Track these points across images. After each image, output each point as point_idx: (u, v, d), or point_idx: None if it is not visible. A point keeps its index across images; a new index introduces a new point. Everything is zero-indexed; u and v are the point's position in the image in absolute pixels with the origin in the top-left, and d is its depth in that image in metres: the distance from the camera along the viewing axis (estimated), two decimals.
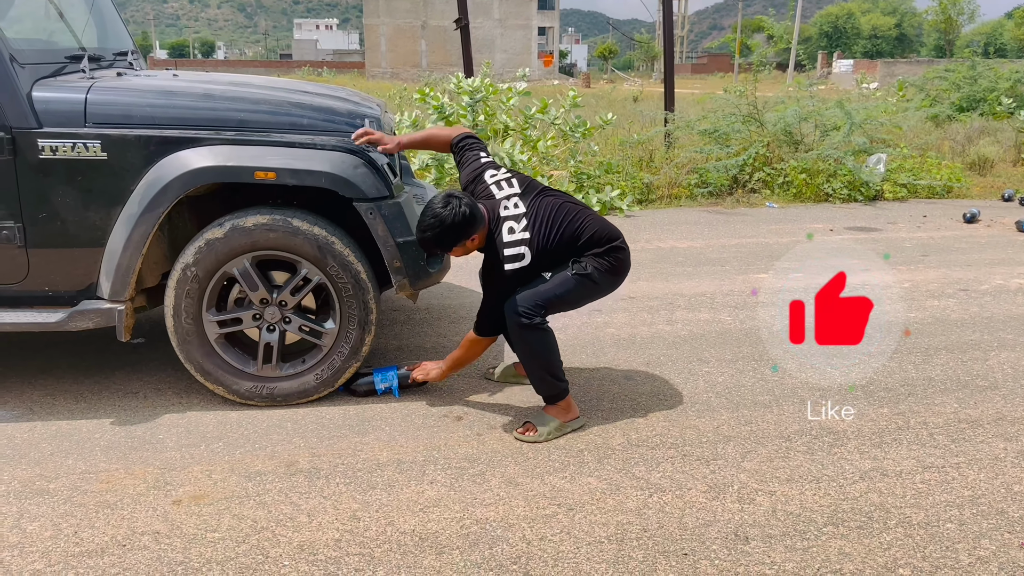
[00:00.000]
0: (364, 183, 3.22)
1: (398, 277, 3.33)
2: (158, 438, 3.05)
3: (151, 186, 3.07)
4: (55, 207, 3.10)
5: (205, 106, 3.22)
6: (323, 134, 3.26)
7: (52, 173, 3.06)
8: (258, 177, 3.12)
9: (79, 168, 3.07)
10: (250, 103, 3.30)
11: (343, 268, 3.23)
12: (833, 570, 2.29)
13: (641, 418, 3.25)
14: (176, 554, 2.34)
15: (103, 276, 3.17)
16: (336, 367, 3.34)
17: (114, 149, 3.07)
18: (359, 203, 3.22)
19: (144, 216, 3.08)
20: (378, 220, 3.24)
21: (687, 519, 2.54)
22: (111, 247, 3.14)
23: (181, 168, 3.07)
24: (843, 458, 2.93)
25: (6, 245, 3.11)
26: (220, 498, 2.63)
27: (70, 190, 3.09)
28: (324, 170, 3.16)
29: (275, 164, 3.12)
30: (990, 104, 13.01)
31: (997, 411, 3.34)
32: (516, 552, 2.36)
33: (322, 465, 2.85)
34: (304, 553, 2.35)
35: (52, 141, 3.04)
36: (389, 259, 3.29)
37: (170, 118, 3.14)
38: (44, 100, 3.07)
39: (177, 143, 3.11)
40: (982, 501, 2.65)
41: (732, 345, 4.09)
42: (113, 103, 3.14)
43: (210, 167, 3.09)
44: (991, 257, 6.09)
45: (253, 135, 3.18)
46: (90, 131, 3.06)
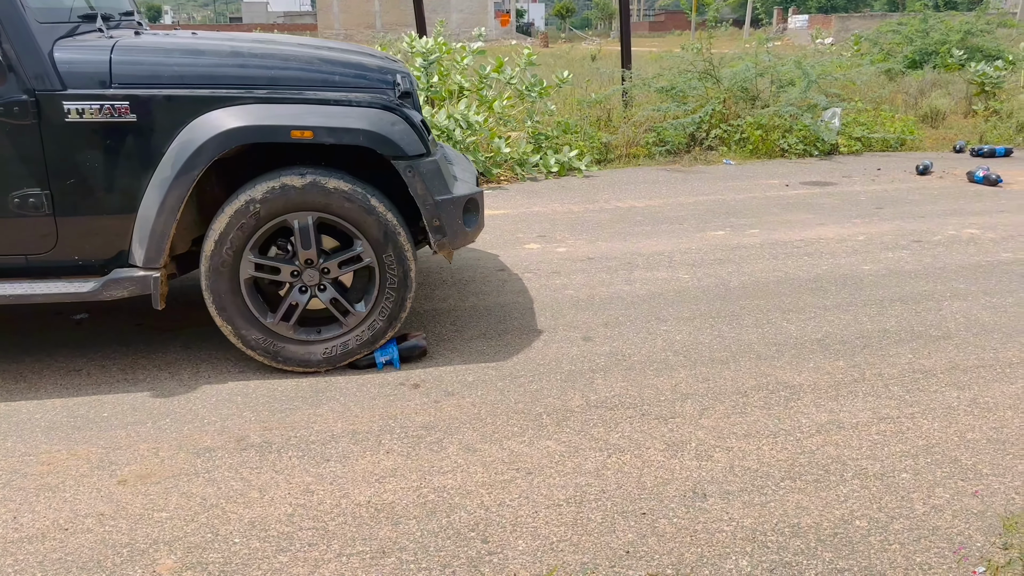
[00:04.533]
0: (402, 140, 3.14)
1: (438, 236, 3.28)
2: (102, 416, 2.95)
3: (184, 148, 2.97)
4: (83, 173, 2.98)
5: (235, 63, 3.11)
6: (356, 91, 3.18)
7: (79, 137, 2.95)
8: (294, 136, 3.02)
9: (107, 131, 2.96)
10: (280, 60, 3.19)
11: (398, 261, 3.19)
12: (791, 524, 2.29)
13: (600, 379, 3.22)
14: (121, 536, 2.26)
15: (136, 243, 3.07)
16: (348, 348, 3.28)
17: (143, 110, 2.97)
18: (397, 161, 3.15)
19: (178, 179, 2.97)
20: (417, 178, 3.17)
21: (645, 478, 2.53)
22: (144, 213, 3.03)
23: (215, 129, 2.97)
24: (800, 412, 2.94)
25: (33, 214, 2.99)
26: (167, 476, 2.55)
27: (98, 154, 2.98)
28: (362, 128, 3.08)
29: (312, 123, 3.04)
30: (942, 56, 13.11)
31: (950, 360, 3.37)
32: (474, 519, 2.33)
33: (274, 439, 2.77)
34: (255, 529, 2.28)
35: (78, 103, 2.92)
36: (429, 218, 3.23)
37: (199, 77, 3.03)
38: (66, 61, 2.93)
39: (208, 102, 3.00)
40: (936, 450, 2.67)
41: (690, 303, 4.08)
42: (139, 62, 3.02)
43: (245, 127, 2.98)
44: (943, 208, 6.16)
45: (286, 93, 3.08)
46: (117, 92, 2.94)
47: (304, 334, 3.27)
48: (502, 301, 4.10)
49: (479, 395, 3.09)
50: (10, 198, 2.97)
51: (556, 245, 5.15)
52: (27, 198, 2.98)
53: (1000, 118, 9.78)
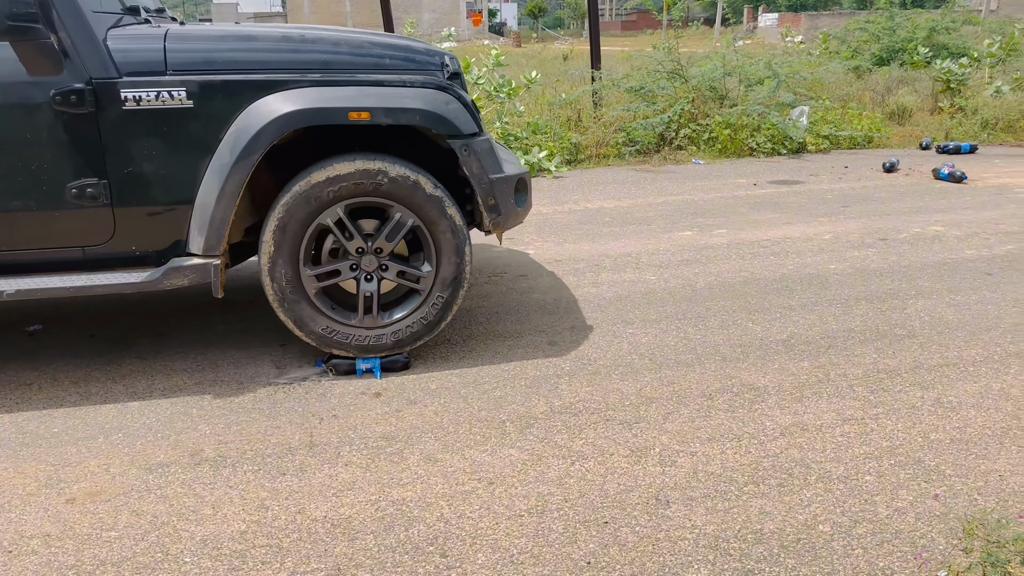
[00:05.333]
0: (458, 119, 3.16)
1: (493, 215, 3.30)
2: (52, 432, 2.86)
3: (242, 133, 2.95)
4: (141, 162, 2.95)
5: (287, 48, 3.10)
6: (407, 72, 3.19)
7: (136, 125, 2.92)
8: (352, 117, 3.02)
9: (164, 118, 2.93)
10: (330, 44, 3.17)
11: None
12: (754, 531, 2.26)
13: (565, 384, 3.19)
14: (67, 557, 2.18)
15: (194, 231, 3.04)
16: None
17: (200, 96, 2.94)
18: (453, 140, 3.16)
19: (237, 165, 2.95)
20: (472, 157, 3.19)
21: (608, 486, 2.49)
22: (202, 200, 3.00)
23: (273, 113, 2.95)
24: (764, 414, 2.92)
25: (92, 204, 2.95)
26: (118, 494, 2.48)
27: (156, 142, 2.95)
28: (418, 107, 3.09)
29: (368, 104, 3.04)
30: (909, 54, 13.25)
31: (914, 359, 3.37)
32: (433, 533, 2.28)
33: (229, 452, 2.70)
34: (207, 548, 2.22)
35: (135, 91, 2.89)
36: (484, 197, 3.25)
37: (253, 62, 3.02)
38: (121, 49, 2.91)
39: (264, 87, 2.99)
40: (900, 451, 2.66)
41: (656, 305, 4.05)
42: (193, 49, 2.99)
43: (303, 110, 2.97)
44: (909, 205, 6.20)
45: (339, 76, 3.09)
46: (173, 78, 2.92)
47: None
48: (467, 305, 4.05)
49: (442, 403, 3.04)
50: (68, 189, 2.93)
51: (524, 247, 5.11)
52: (85, 188, 2.93)
53: (965, 115, 9.89)
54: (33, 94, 2.84)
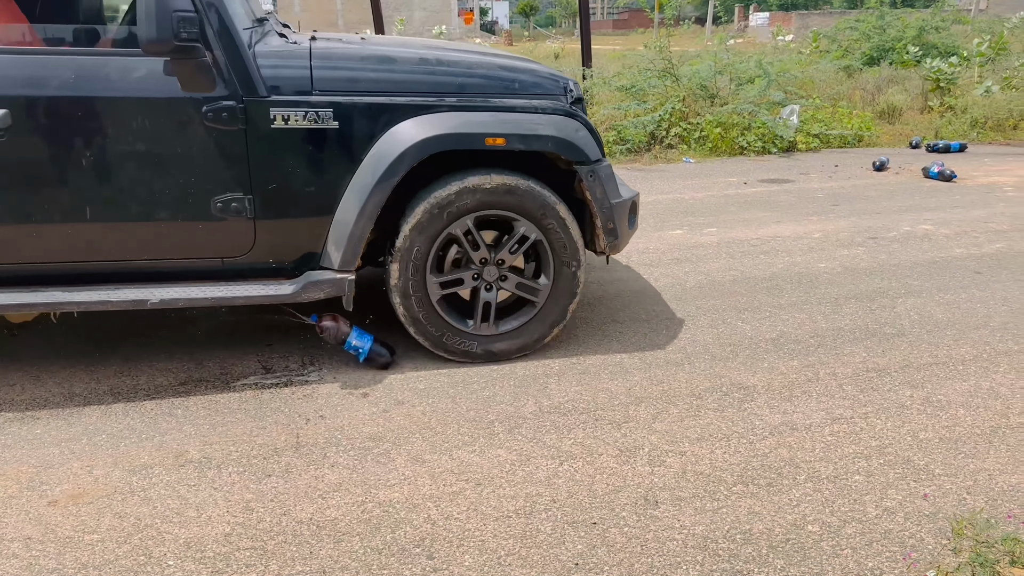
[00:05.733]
0: (585, 146, 3.24)
1: (611, 239, 3.38)
2: (35, 433, 2.83)
3: (385, 154, 3.03)
4: (284, 178, 3.03)
5: (425, 71, 3.20)
6: (536, 97, 3.30)
7: (282, 143, 3.00)
8: (488, 143, 3.10)
9: (310, 137, 3.02)
10: (465, 67, 3.29)
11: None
12: (742, 531, 2.25)
13: (554, 384, 3.17)
14: (49, 561, 2.15)
15: (331, 246, 3.12)
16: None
17: (345, 117, 3.03)
18: (579, 166, 3.23)
19: (379, 185, 3.03)
20: (596, 182, 3.27)
21: (597, 486, 2.47)
22: (341, 217, 3.08)
23: (416, 137, 3.04)
24: (753, 413, 2.91)
25: (235, 218, 3.03)
26: (101, 496, 2.45)
27: (300, 160, 3.03)
28: (550, 134, 3.18)
29: (503, 130, 3.12)
30: (898, 53, 13.29)
31: (904, 358, 3.37)
32: (420, 534, 2.26)
33: (214, 454, 2.67)
34: (191, 551, 2.19)
35: (284, 110, 2.97)
36: (604, 221, 3.33)
37: (394, 83, 3.12)
38: (269, 67, 2.98)
39: (406, 110, 3.08)
40: (889, 451, 2.66)
41: (646, 304, 4.04)
42: (338, 68, 3.08)
43: (444, 135, 3.06)
44: (899, 204, 6.21)
45: (473, 100, 3.19)
46: (320, 99, 3.00)
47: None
48: None
49: (430, 403, 3.02)
50: (214, 202, 3.00)
51: None
52: (230, 203, 3.01)
53: (955, 114, 9.92)
54: (187, 110, 2.90)
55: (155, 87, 2.88)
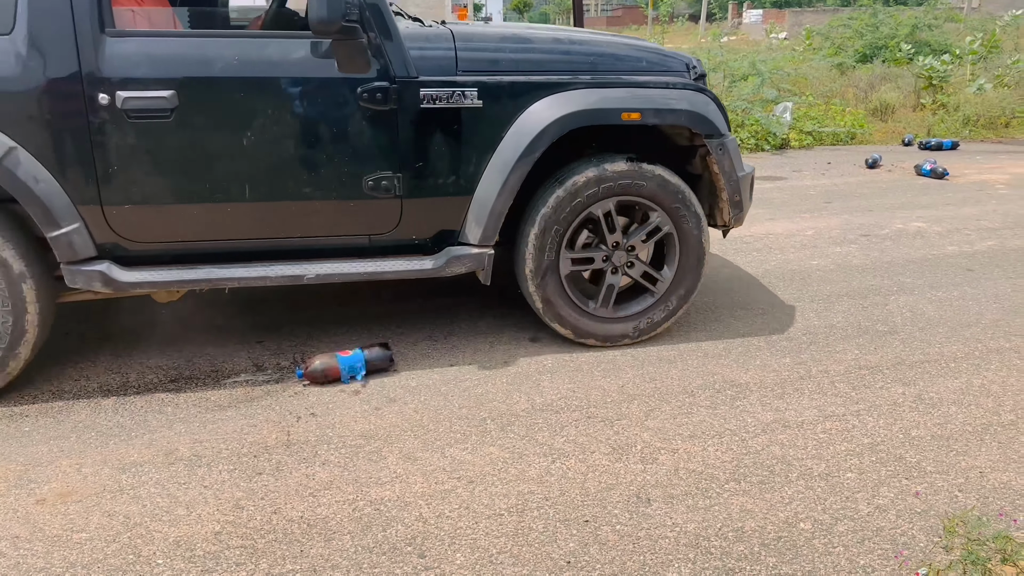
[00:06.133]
0: (716, 119, 3.33)
1: (736, 211, 3.49)
2: (23, 431, 2.80)
3: (526, 131, 3.12)
4: (430, 156, 3.12)
5: (560, 50, 3.28)
6: (663, 74, 3.40)
7: (430, 122, 3.08)
8: (624, 118, 3.19)
9: (456, 117, 3.10)
10: (595, 46, 3.36)
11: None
12: (734, 528, 2.25)
13: (547, 381, 3.16)
14: (36, 560, 2.14)
15: (471, 222, 3.22)
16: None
17: (489, 96, 3.11)
18: (710, 140, 3.32)
19: (520, 161, 3.12)
20: (725, 156, 3.36)
21: (589, 484, 2.47)
22: (481, 194, 3.17)
23: (556, 112, 3.12)
24: (745, 411, 2.90)
25: (384, 196, 3.12)
26: (90, 494, 2.43)
27: (445, 139, 3.11)
28: (683, 108, 3.26)
29: (639, 105, 3.21)
30: (891, 50, 13.31)
31: (896, 356, 3.37)
32: (411, 532, 2.25)
33: (204, 452, 2.66)
34: (180, 549, 2.17)
35: (433, 90, 3.05)
36: (731, 194, 3.43)
37: (532, 63, 3.20)
38: (417, 48, 3.06)
39: (544, 88, 3.16)
40: (881, 448, 2.66)
41: None
42: (480, 50, 3.16)
43: (582, 111, 3.14)
44: (891, 202, 6.22)
45: (606, 77, 3.27)
46: (465, 79, 3.09)
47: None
48: (447, 303, 4.02)
49: (422, 400, 3.01)
50: (365, 181, 3.08)
51: None
52: (380, 181, 3.09)
53: (947, 112, 9.95)
54: (342, 91, 2.97)
55: (313, 68, 2.96)
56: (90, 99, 2.79)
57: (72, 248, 2.90)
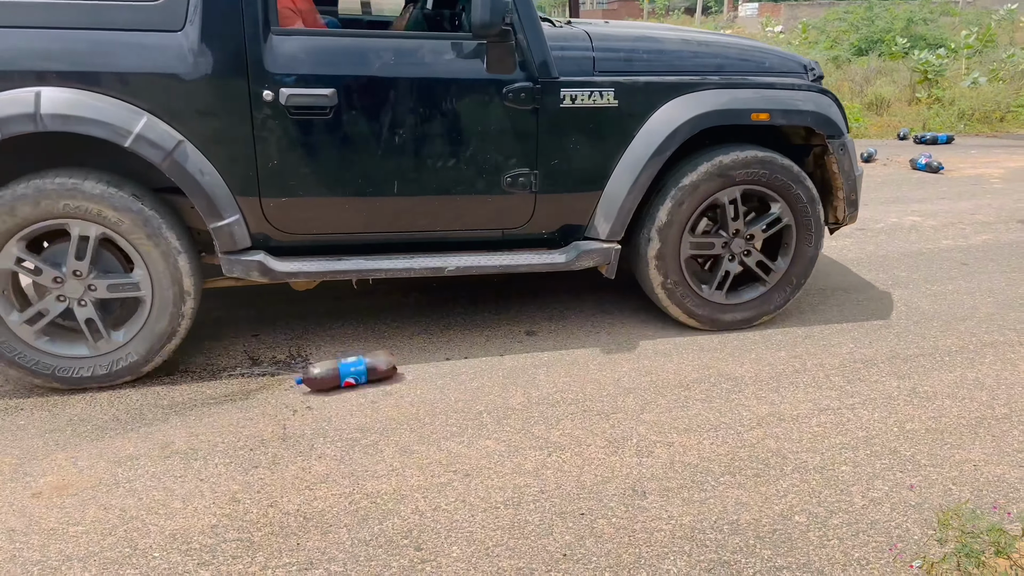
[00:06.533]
0: (838, 120, 3.46)
1: (851, 210, 3.61)
2: (18, 424, 2.80)
3: (658, 130, 3.22)
4: (566, 154, 3.22)
5: (689, 51, 3.38)
6: (785, 75, 3.49)
7: (568, 121, 3.18)
8: (753, 118, 3.30)
9: (592, 116, 3.19)
10: (721, 47, 3.49)
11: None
12: (730, 521, 2.26)
13: (542, 375, 3.16)
14: (32, 553, 2.13)
15: (600, 218, 3.32)
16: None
17: (624, 96, 3.20)
18: (831, 140, 3.43)
19: (652, 160, 3.23)
20: (845, 155, 3.48)
21: (585, 477, 2.47)
22: (611, 190, 3.28)
23: (689, 112, 3.22)
24: (741, 404, 2.91)
25: (520, 191, 3.23)
26: (86, 487, 2.43)
27: (581, 137, 3.21)
28: (810, 109, 3.38)
29: (768, 106, 3.32)
30: (887, 44, 13.31)
31: (891, 349, 3.38)
32: (408, 525, 2.25)
33: (200, 445, 2.66)
34: (176, 542, 2.18)
35: (573, 90, 3.14)
36: (848, 192, 3.56)
37: (664, 64, 3.29)
38: (558, 48, 3.14)
39: (676, 88, 3.26)
40: (876, 441, 2.67)
41: (636, 296, 4.03)
42: (615, 50, 3.25)
43: (714, 111, 3.25)
44: (886, 195, 6.23)
45: (732, 79, 3.37)
46: (602, 79, 3.18)
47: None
48: (445, 296, 4.02)
49: (418, 394, 3.01)
50: (504, 177, 3.19)
51: None
52: (518, 177, 3.20)
53: (942, 106, 9.96)
54: (489, 91, 3.08)
55: (464, 69, 3.07)
56: (255, 95, 2.89)
57: (232, 238, 3.03)
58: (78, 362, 2.99)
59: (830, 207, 3.63)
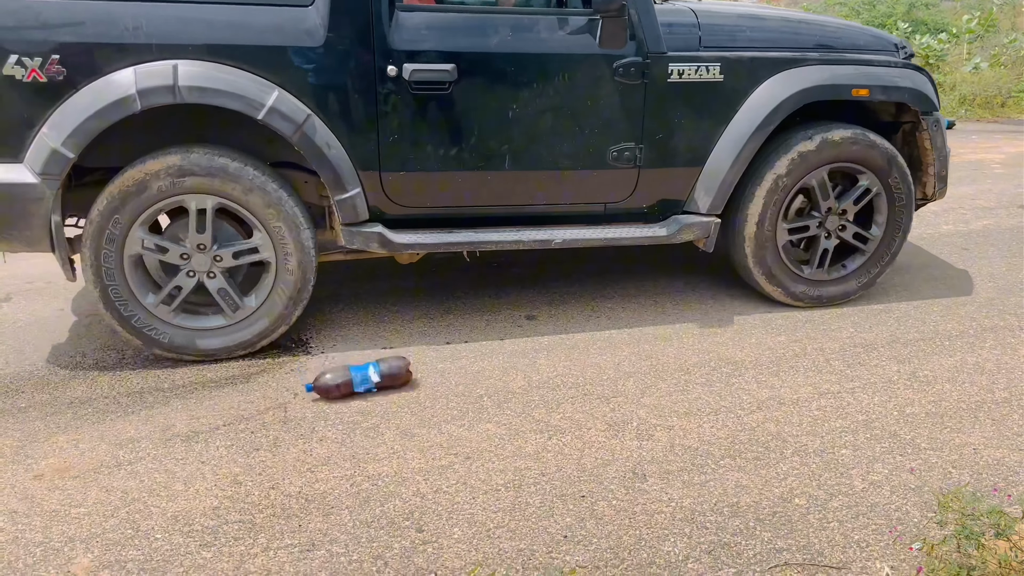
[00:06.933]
0: (932, 96, 3.52)
1: (941, 186, 3.69)
2: (19, 407, 2.80)
3: (762, 105, 3.28)
4: (670, 129, 3.29)
5: (789, 28, 3.48)
6: (879, 53, 3.55)
7: (674, 96, 3.24)
8: (854, 94, 3.36)
9: (698, 90, 3.26)
10: (819, 26, 3.59)
11: (902, 179, 3.54)
12: (730, 504, 2.26)
13: (543, 358, 3.17)
14: (35, 534, 2.14)
15: (700, 191, 3.38)
16: (872, 275, 3.67)
17: (729, 71, 3.26)
18: (926, 116, 3.50)
19: (755, 134, 3.29)
20: (938, 131, 3.56)
21: (585, 460, 2.48)
22: (712, 164, 3.34)
23: (792, 88, 3.29)
24: (741, 388, 2.92)
25: (624, 166, 3.29)
26: (87, 469, 2.43)
27: (686, 112, 3.27)
28: (907, 86, 3.44)
29: (868, 82, 3.38)
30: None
31: (891, 334, 3.39)
32: (409, 507, 2.26)
33: (201, 428, 2.66)
34: (178, 524, 2.18)
35: (680, 65, 3.20)
36: (939, 168, 3.64)
37: (766, 40, 3.36)
38: (666, 24, 3.20)
39: (779, 64, 3.32)
40: (876, 425, 2.67)
41: (635, 279, 4.03)
42: (720, 26, 3.32)
43: (816, 86, 3.32)
44: None
45: (831, 55, 3.44)
46: (708, 54, 3.24)
47: (837, 272, 3.64)
48: (445, 280, 4.01)
49: (418, 378, 3.00)
50: (610, 151, 3.25)
51: None
52: (623, 151, 3.26)
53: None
54: (600, 66, 3.14)
55: (578, 45, 3.13)
56: (380, 70, 2.96)
57: (355, 211, 3.11)
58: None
59: (919, 183, 3.70)
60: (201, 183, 2.89)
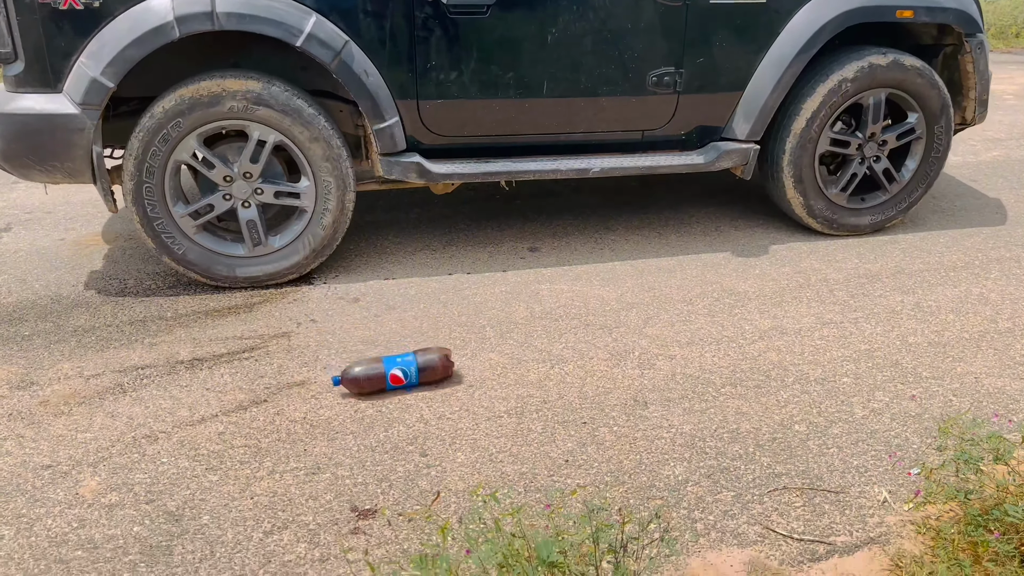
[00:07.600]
0: (978, 17, 3.45)
1: (982, 110, 3.62)
2: (23, 335, 2.81)
3: (805, 28, 3.23)
4: (711, 52, 3.24)
5: None
6: None
7: (716, 18, 3.19)
8: (898, 15, 3.31)
9: (740, 12, 3.20)
10: None
11: (945, 131, 3.54)
12: (730, 430, 2.28)
13: (545, 290, 3.16)
14: (42, 458, 2.17)
15: (740, 118, 3.35)
16: (888, 215, 3.66)
17: None
18: (970, 38, 3.44)
19: (798, 57, 3.25)
20: (981, 54, 3.49)
21: (587, 388, 2.49)
22: (752, 90, 3.30)
23: (836, 9, 3.23)
24: (744, 318, 2.91)
25: (664, 92, 3.26)
26: (92, 396, 2.45)
27: (727, 35, 3.22)
28: (952, 7, 3.37)
29: (911, 3, 3.31)
30: None
31: (896, 264, 3.37)
32: (412, 433, 2.28)
33: (205, 356, 2.67)
34: (184, 448, 2.21)
35: None
36: (981, 92, 3.57)
37: None
38: None
39: None
40: (878, 354, 2.68)
41: (637, 212, 4.00)
42: None
43: (860, 7, 3.25)
44: None
45: None
46: None
47: (855, 203, 3.61)
48: (447, 212, 3.98)
49: (421, 308, 3.01)
50: (649, 76, 3.22)
51: None
52: (663, 76, 3.22)
53: None
54: None
55: None
56: None
57: (393, 140, 3.09)
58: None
59: (959, 108, 3.64)
60: (273, 116, 2.88)
